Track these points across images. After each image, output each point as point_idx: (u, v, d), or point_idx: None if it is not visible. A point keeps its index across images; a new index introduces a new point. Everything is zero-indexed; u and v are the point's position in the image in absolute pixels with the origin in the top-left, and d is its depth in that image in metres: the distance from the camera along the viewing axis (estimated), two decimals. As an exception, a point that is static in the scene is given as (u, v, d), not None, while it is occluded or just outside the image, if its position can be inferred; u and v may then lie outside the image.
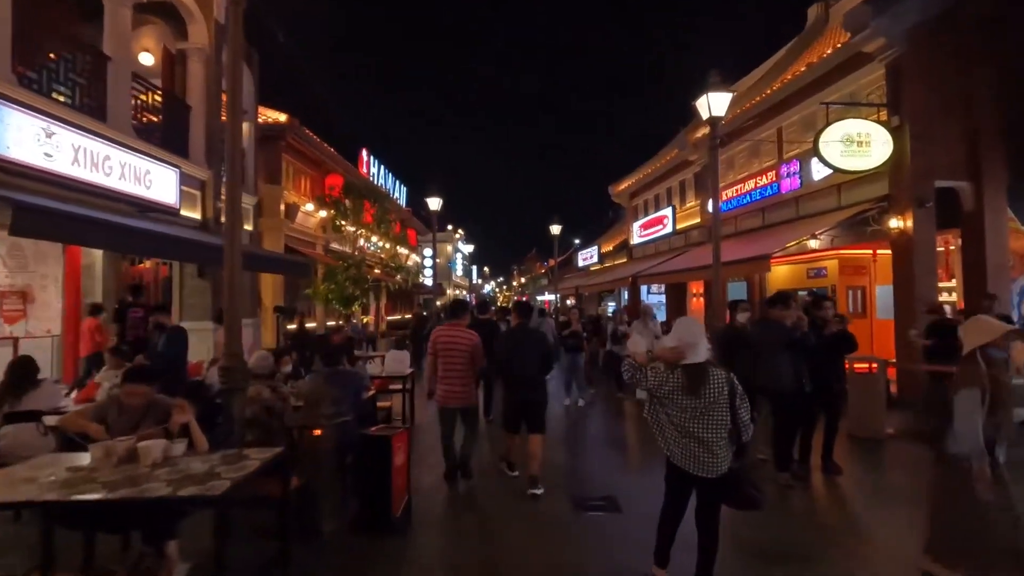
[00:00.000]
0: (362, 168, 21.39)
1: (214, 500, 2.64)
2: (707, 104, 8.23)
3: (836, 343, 5.56)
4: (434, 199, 15.23)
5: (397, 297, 29.63)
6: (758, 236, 12.51)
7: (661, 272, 14.56)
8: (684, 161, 16.63)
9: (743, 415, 3.00)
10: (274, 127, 14.94)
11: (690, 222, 16.85)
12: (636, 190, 21.51)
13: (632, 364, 3.23)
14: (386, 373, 7.46)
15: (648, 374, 3.13)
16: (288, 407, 4.44)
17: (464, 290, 55.02)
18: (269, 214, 15.25)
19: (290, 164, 16.52)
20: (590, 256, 27.54)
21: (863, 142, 8.80)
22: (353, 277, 12.74)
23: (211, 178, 10.68)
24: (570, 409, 9.28)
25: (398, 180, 27.35)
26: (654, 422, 3.19)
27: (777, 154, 12.42)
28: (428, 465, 6.02)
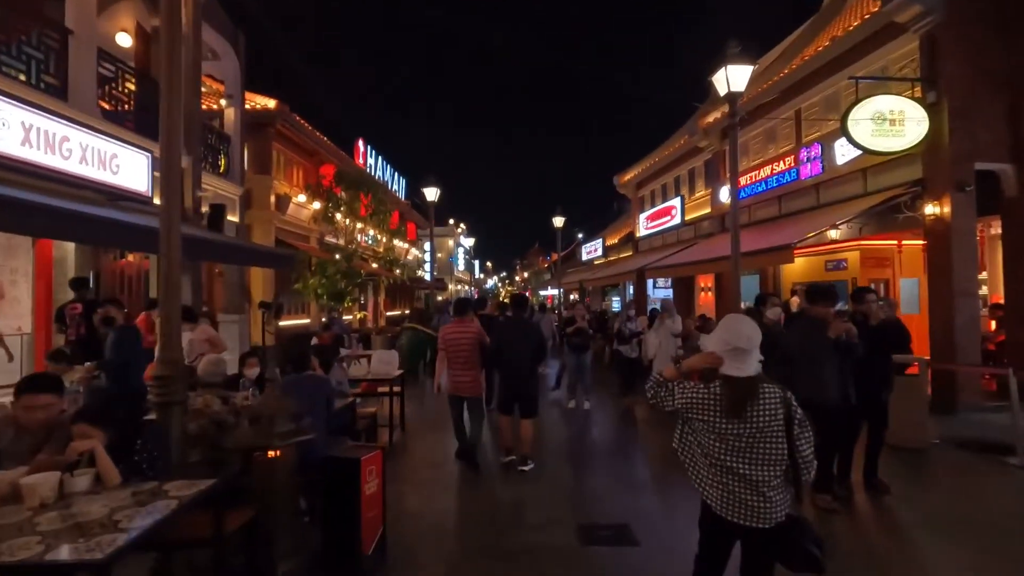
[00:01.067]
0: (358, 159, 20.66)
1: (96, 566, 1.94)
2: (725, 78, 7.46)
3: (884, 335, 4.74)
4: (431, 189, 14.51)
5: (397, 292, 28.96)
6: (775, 226, 11.74)
7: (671, 265, 13.81)
8: (694, 148, 15.83)
9: (804, 448, 2.28)
10: (262, 113, 14.21)
11: (700, 212, 16.07)
12: (642, 180, 20.72)
13: (656, 381, 2.51)
14: (372, 375, 6.76)
15: (675, 391, 2.41)
16: (243, 422, 3.74)
17: (466, 285, 54.35)
18: (259, 206, 14.56)
19: (281, 153, 15.80)
20: (594, 249, 26.77)
21: (896, 120, 8.02)
22: (344, 271, 12.02)
23: (190, 165, 9.96)
24: (575, 413, 8.58)
25: (397, 172, 26.63)
26: (685, 453, 2.47)
27: (795, 138, 11.63)
28: (418, 482, 5.34)
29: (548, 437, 7.09)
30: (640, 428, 7.69)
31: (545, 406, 9.02)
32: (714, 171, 14.93)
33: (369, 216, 13.07)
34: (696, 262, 12.47)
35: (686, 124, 15.45)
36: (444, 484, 5.32)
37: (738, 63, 7.27)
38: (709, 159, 15.34)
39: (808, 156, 10.67)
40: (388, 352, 6.98)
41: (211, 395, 3.80)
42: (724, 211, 14.28)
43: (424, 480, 5.41)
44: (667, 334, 8.67)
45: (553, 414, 8.46)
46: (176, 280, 3.49)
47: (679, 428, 2.50)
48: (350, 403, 5.10)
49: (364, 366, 6.81)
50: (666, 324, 8.72)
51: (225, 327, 12.17)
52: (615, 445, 6.84)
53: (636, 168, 20.72)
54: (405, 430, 7.33)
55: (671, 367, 2.53)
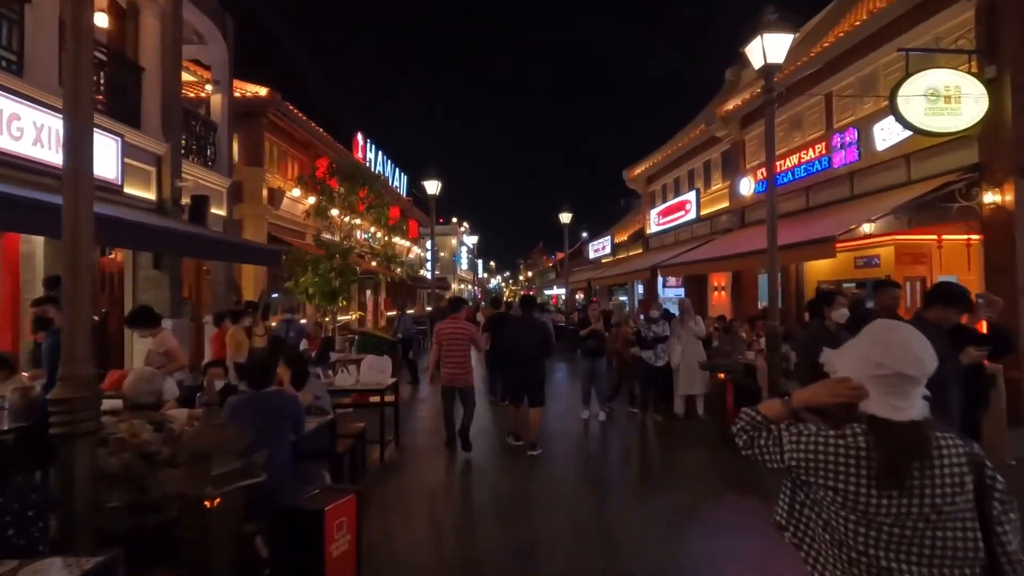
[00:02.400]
0: (357, 153, 19.85)
1: None
2: (761, 48, 6.60)
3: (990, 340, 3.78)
4: (431, 182, 13.66)
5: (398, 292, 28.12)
6: (803, 220, 10.84)
7: (689, 262, 12.90)
8: (711, 139, 14.94)
9: (1010, 537, 1.43)
10: (253, 102, 13.40)
11: (716, 207, 15.17)
12: (654, 174, 19.82)
13: (751, 420, 1.66)
14: (361, 386, 5.92)
15: (783, 439, 1.55)
16: (183, 454, 2.90)
17: (469, 284, 53.53)
18: (250, 200, 13.76)
19: (274, 145, 15.01)
20: (602, 247, 25.88)
21: (951, 97, 7.14)
22: (339, 268, 11.19)
23: (169, 153, 9.17)
24: (590, 425, 7.72)
25: (398, 168, 25.82)
26: (801, 538, 1.59)
27: (826, 123, 10.73)
28: (410, 513, 4.49)
29: (561, 456, 6.23)
30: (669, 449, 6.77)
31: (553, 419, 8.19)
32: (732, 162, 14.03)
33: (367, 210, 12.21)
34: (717, 259, 11.58)
35: (701, 113, 14.57)
36: (443, 518, 4.48)
37: (776, 31, 6.41)
38: (727, 150, 14.44)
39: (842, 142, 9.78)
40: (380, 358, 6.13)
41: (140, 420, 2.96)
42: (744, 204, 13.40)
43: (417, 512, 4.58)
44: (690, 338, 7.80)
45: (566, 430, 7.60)
46: (84, 270, 2.65)
47: (787, 495, 1.63)
48: (328, 422, 4.26)
49: (353, 374, 5.96)
50: (688, 326, 7.85)
51: (210, 330, 11.40)
52: (643, 471, 5.94)
53: (646, 162, 19.83)
54: (400, 446, 6.49)
55: (775, 402, 1.67)
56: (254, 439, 2.85)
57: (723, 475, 5.51)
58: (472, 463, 6.31)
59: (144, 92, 8.96)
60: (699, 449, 6.48)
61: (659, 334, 7.73)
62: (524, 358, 6.38)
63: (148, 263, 9.05)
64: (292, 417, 3.36)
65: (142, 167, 8.75)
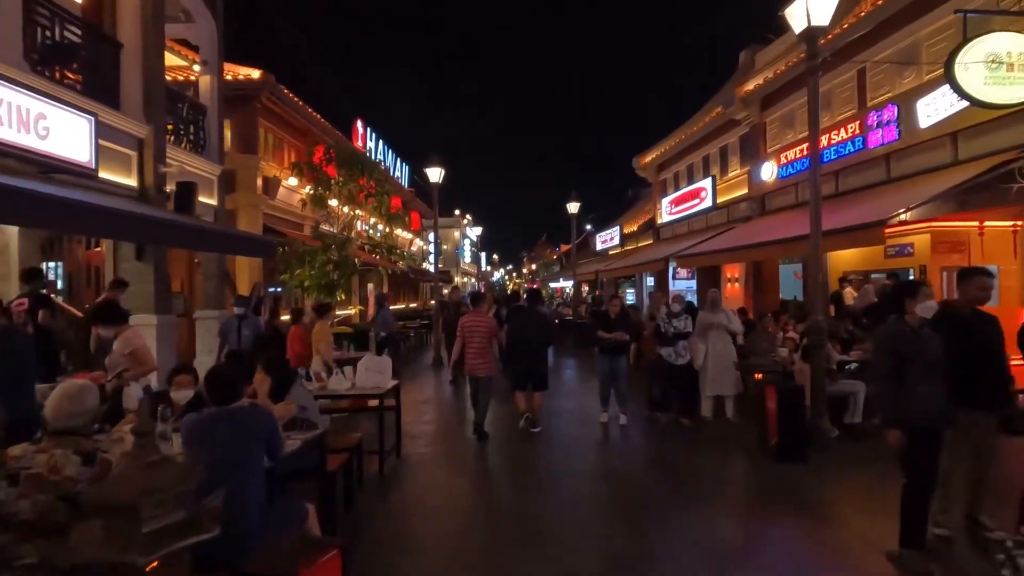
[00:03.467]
0: (357, 141, 19.11)
1: None
2: (805, 10, 5.90)
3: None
4: (434, 169, 12.97)
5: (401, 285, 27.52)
6: (833, 206, 10.10)
7: (708, 251, 12.18)
8: (728, 122, 14.17)
9: None
10: (246, 85, 12.68)
11: (734, 194, 14.43)
12: (665, 161, 19.06)
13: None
14: (358, 390, 5.25)
15: None
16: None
17: (472, 277, 52.87)
18: (244, 188, 13.08)
19: (269, 132, 14.31)
20: (610, 238, 25.14)
21: (1015, 64, 6.39)
22: (336, 260, 10.52)
23: (151, 136, 8.49)
24: (610, 430, 7.05)
25: (399, 157, 25.09)
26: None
27: (858, 101, 9.98)
28: (413, 544, 3.83)
29: (584, 471, 5.57)
30: (704, 459, 6.02)
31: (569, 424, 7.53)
32: (752, 147, 13.28)
33: (366, 198, 11.52)
34: (740, 248, 10.84)
35: (718, 94, 13.80)
36: (452, 552, 3.82)
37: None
38: (746, 133, 13.68)
39: (879, 120, 9.03)
40: (379, 358, 5.47)
41: (64, 450, 2.30)
42: (765, 191, 12.65)
43: (421, 540, 3.93)
44: (720, 334, 7.10)
45: (583, 437, 6.94)
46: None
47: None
48: (317, 437, 3.60)
49: (349, 376, 5.29)
50: (718, 321, 7.14)
51: (202, 325, 10.76)
52: (679, 486, 5.20)
53: (658, 149, 19.06)
54: (401, 456, 5.84)
55: None
56: (212, 473, 2.19)
57: (772, 490, 4.84)
58: (484, 475, 5.66)
59: (123, 70, 8.26)
60: (738, 458, 5.81)
61: (680, 330, 7.03)
62: (529, 348, 6.90)
63: (131, 254, 8.39)
64: (266, 439, 2.70)
65: (121, 150, 8.07)
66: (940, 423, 3.38)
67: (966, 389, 3.47)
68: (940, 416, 3.36)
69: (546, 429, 7.07)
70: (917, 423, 3.30)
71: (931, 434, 3.35)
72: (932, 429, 3.35)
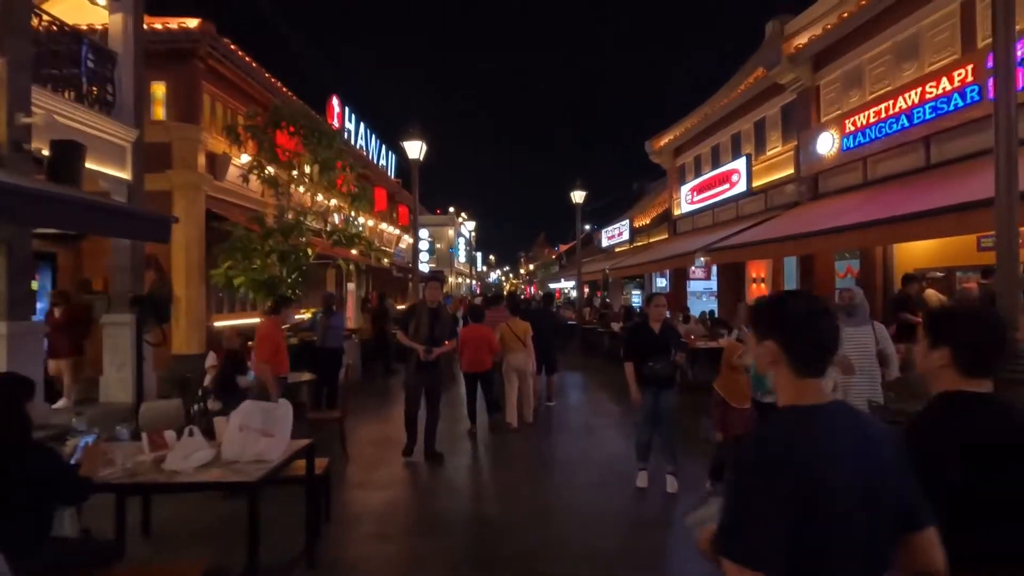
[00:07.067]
0: (333, 121, 16.70)
1: None
2: None
3: None
4: (413, 143, 10.58)
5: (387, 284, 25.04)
6: (923, 184, 7.78)
7: (757, 242, 9.72)
8: (767, 90, 11.85)
9: None
10: (180, 36, 10.28)
11: (773, 176, 12.10)
12: (684, 144, 16.72)
13: None
14: (223, 469, 2.84)
15: None
16: None
17: (467, 278, 50.48)
18: (182, 165, 10.66)
19: (217, 100, 11.86)
20: (618, 233, 22.78)
21: None
22: (281, 250, 8.10)
23: (3, 72, 6.09)
24: (650, 498, 4.69)
25: (384, 145, 22.67)
26: None
27: (961, 44, 7.65)
28: None
29: None
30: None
31: (576, 486, 5.13)
32: (801, 117, 10.94)
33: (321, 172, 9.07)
34: (804, 235, 8.29)
35: (757, 54, 11.46)
36: None
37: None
38: (791, 102, 11.35)
39: (1006, 61, 6.68)
40: (266, 407, 3.06)
41: None
42: (820, 169, 10.31)
43: None
44: (863, 361, 4.45)
45: (608, 503, 4.58)
46: None
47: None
48: None
49: (198, 443, 2.89)
50: (862, 336, 4.51)
51: (110, 332, 8.32)
52: None
53: (675, 130, 16.73)
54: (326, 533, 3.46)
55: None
56: None
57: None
58: None
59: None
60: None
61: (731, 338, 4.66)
62: (542, 340, 8.03)
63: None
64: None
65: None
66: None
67: None
68: None
69: (554, 498, 4.75)
70: None
71: None
72: None
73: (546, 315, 9.11)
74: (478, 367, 7.21)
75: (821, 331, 1.30)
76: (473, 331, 7.33)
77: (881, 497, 1.21)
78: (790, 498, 1.14)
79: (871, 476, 1.20)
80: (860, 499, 1.18)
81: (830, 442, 1.21)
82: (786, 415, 1.29)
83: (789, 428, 1.25)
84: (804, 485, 1.15)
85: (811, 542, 1.15)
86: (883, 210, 7.43)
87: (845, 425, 1.25)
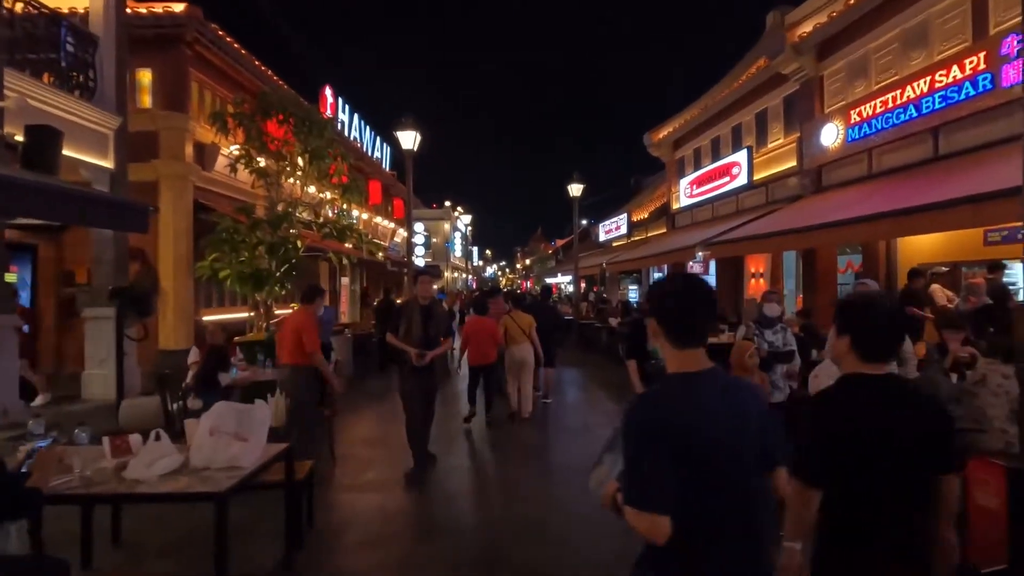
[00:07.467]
0: (326, 111, 16.36)
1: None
2: None
3: None
4: (407, 132, 10.30)
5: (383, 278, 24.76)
6: (932, 175, 7.56)
7: (759, 235, 9.49)
8: (770, 80, 11.60)
9: None
10: (166, 20, 9.96)
11: (775, 169, 11.87)
12: (683, 136, 16.48)
13: None
14: (190, 479, 2.59)
15: None
16: None
17: (463, 272, 50.19)
18: (168, 155, 10.37)
19: (206, 88, 11.54)
20: (615, 227, 22.54)
21: None
22: (271, 242, 7.82)
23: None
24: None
25: (379, 136, 22.31)
26: None
27: (972, 31, 7.41)
28: None
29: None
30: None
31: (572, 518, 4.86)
32: (804, 108, 10.70)
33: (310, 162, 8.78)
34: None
35: (759, 44, 11.21)
36: None
37: None
38: (794, 92, 11.11)
39: (1020, 48, 6.46)
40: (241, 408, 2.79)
41: None
42: (823, 161, 10.09)
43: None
44: None
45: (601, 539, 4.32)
46: None
47: None
48: None
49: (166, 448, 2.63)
50: None
51: (93, 326, 8.03)
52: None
53: (674, 122, 16.48)
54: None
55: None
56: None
57: None
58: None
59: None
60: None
61: (778, 347, 4.43)
62: (544, 332, 7.81)
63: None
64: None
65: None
66: None
67: None
68: None
69: (553, 500, 4.55)
70: None
71: None
72: None
73: (545, 309, 9.02)
74: (483, 360, 7.16)
75: (690, 309, 1.52)
76: (477, 324, 7.32)
77: (746, 443, 1.46)
78: (671, 449, 1.38)
79: (737, 427, 1.45)
80: (727, 446, 1.43)
81: (702, 402, 1.45)
82: (669, 380, 1.52)
83: (669, 391, 1.49)
84: (680, 437, 1.39)
85: (692, 483, 1.39)
86: (890, 202, 7.21)
87: (716, 387, 1.50)
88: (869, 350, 1.71)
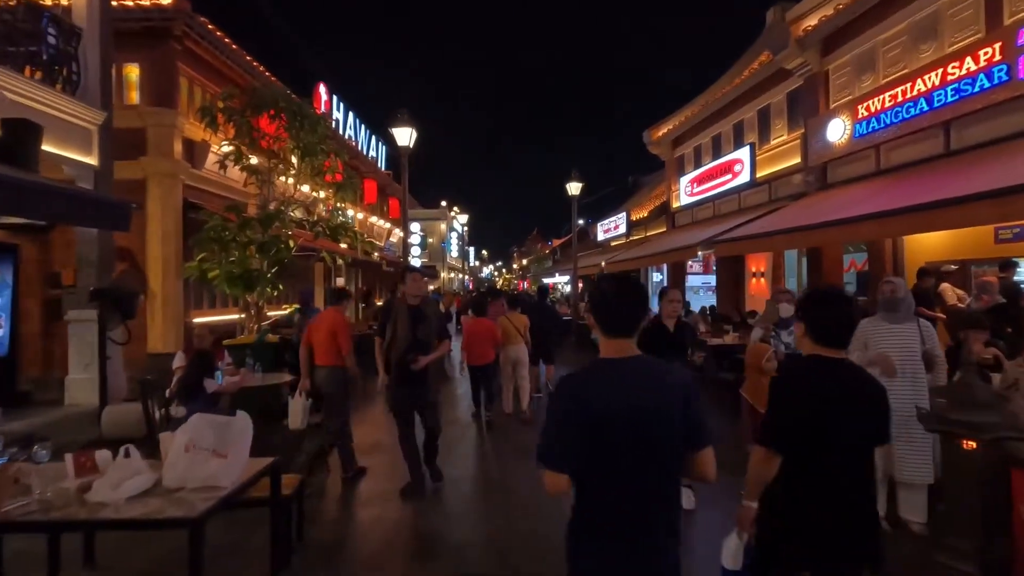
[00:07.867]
0: (319, 108, 16.08)
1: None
2: None
3: None
4: (403, 129, 10.03)
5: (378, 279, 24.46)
6: (942, 171, 7.34)
7: (763, 234, 9.24)
8: (773, 75, 11.38)
9: None
10: (153, 13, 9.67)
11: (778, 167, 11.65)
12: (683, 133, 16.24)
13: None
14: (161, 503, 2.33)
15: None
16: None
17: (460, 273, 49.89)
18: (156, 152, 10.09)
19: (196, 83, 11.25)
20: (614, 227, 22.29)
21: None
22: (262, 241, 7.54)
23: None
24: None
25: (374, 135, 22.03)
26: None
27: (985, 22, 7.20)
28: None
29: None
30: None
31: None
32: (809, 103, 10.48)
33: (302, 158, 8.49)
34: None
35: (761, 38, 10.98)
36: None
37: None
38: (797, 88, 10.89)
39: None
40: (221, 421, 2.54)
41: None
42: (829, 157, 9.87)
43: None
44: (906, 364, 3.72)
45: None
46: None
47: None
48: None
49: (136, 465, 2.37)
50: (907, 335, 3.85)
51: (76, 330, 7.72)
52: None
53: (674, 119, 16.24)
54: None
55: None
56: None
57: None
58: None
59: None
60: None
61: (795, 348, 4.20)
62: (541, 332, 8.09)
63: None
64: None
65: None
66: None
67: None
68: None
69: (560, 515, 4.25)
70: None
71: None
72: None
73: (543, 309, 9.15)
74: (481, 360, 7.32)
75: (617, 306, 1.75)
76: (477, 324, 7.48)
77: (659, 421, 1.64)
78: (576, 418, 1.63)
79: (650, 407, 1.64)
80: (633, 421, 1.62)
81: (615, 381, 1.67)
82: (593, 362, 1.75)
83: (588, 371, 1.73)
84: (585, 409, 1.63)
85: (596, 451, 1.63)
86: (899, 199, 6.98)
87: (637, 371, 1.70)
88: (819, 336, 2.05)
